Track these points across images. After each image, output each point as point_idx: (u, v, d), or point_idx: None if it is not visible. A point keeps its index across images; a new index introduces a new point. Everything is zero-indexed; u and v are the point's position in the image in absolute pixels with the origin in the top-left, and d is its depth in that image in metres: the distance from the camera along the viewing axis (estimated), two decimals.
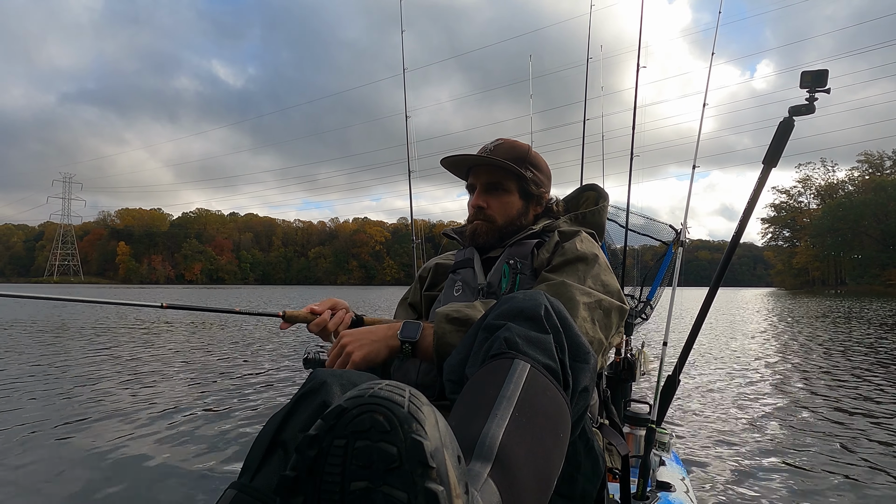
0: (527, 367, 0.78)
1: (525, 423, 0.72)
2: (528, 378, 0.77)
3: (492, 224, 1.33)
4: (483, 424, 0.70)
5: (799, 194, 73.32)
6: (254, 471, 0.74)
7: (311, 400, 0.78)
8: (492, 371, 0.79)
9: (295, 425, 0.76)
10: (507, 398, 0.73)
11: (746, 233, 1.56)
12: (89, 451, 2.74)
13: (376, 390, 0.56)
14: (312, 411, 0.76)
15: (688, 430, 3.26)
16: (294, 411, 0.78)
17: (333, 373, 0.83)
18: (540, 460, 0.72)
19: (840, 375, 5.21)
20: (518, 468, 0.68)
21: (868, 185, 62.73)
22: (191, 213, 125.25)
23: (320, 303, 1.27)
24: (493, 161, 1.31)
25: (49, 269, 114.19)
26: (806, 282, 71.98)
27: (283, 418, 0.77)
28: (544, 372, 0.79)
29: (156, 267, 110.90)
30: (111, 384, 4.52)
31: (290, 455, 0.72)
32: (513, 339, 0.81)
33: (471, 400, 0.77)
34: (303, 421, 0.76)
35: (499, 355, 0.81)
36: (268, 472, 0.74)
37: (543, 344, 0.82)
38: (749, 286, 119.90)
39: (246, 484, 0.74)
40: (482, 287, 1.25)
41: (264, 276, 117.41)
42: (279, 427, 0.76)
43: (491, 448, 0.67)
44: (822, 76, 1.34)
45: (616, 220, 2.01)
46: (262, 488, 0.73)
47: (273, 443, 0.76)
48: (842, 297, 37.41)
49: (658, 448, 1.72)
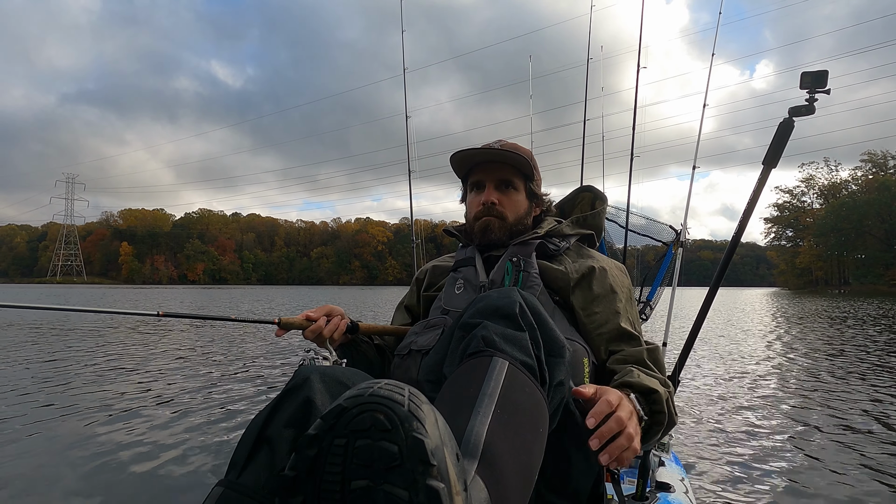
0: (505, 364, 0.79)
1: (507, 419, 0.73)
2: (507, 375, 0.78)
3: (503, 221, 1.32)
4: (467, 422, 0.71)
5: (802, 194, 73.19)
6: (241, 467, 0.74)
7: (294, 396, 0.78)
8: (471, 369, 0.80)
9: (279, 421, 0.76)
10: (488, 395, 0.74)
11: (749, 233, 1.56)
12: (75, 450, 2.73)
13: (376, 389, 0.55)
14: (296, 407, 0.77)
15: (687, 431, 3.25)
16: (278, 407, 0.78)
17: (317, 369, 0.83)
18: (522, 455, 0.73)
19: (841, 375, 5.19)
20: (503, 464, 0.68)
21: (871, 184, 62.53)
22: (193, 214, 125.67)
23: (316, 309, 1.26)
24: (511, 157, 1.30)
25: (52, 270, 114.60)
26: (809, 281, 71.78)
27: (267, 415, 0.77)
28: (522, 369, 0.80)
29: (158, 267, 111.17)
30: (100, 383, 4.53)
31: (276, 451, 0.73)
32: (490, 338, 0.82)
33: (452, 398, 0.78)
34: (287, 416, 0.76)
35: (477, 353, 0.82)
36: (255, 468, 0.74)
37: (520, 341, 0.83)
38: (752, 286, 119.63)
39: (233, 481, 0.74)
40: (484, 285, 1.24)
41: (267, 277, 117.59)
42: (264, 423, 0.77)
43: (476, 445, 0.68)
44: (821, 77, 1.33)
45: (616, 220, 2.00)
46: (249, 484, 0.73)
47: (259, 439, 0.76)
48: (844, 297, 37.29)
49: (657, 448, 1.72)
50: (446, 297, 1.29)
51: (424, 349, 1.16)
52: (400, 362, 1.22)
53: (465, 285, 1.27)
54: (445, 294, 1.30)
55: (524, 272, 1.21)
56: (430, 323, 1.24)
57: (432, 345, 1.16)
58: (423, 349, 1.17)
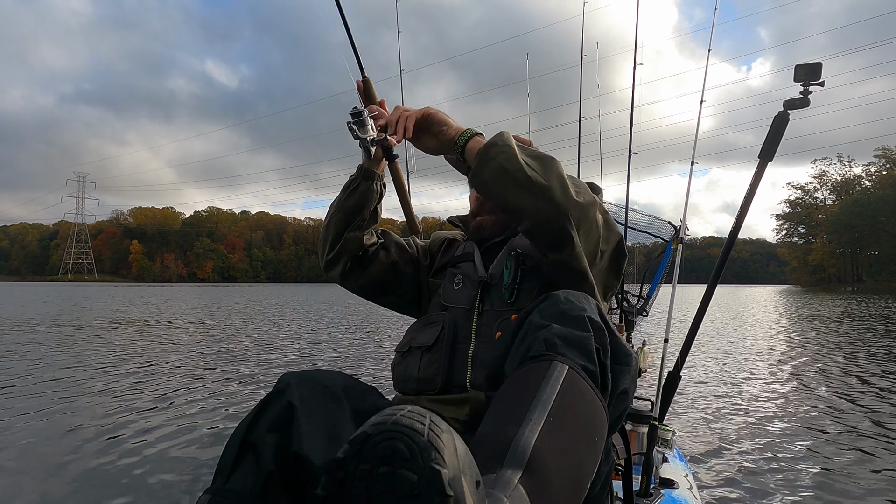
0: (565, 368, 0.77)
1: (559, 427, 0.72)
2: (565, 380, 0.76)
3: (497, 216, 1.29)
4: (517, 430, 0.70)
5: (815, 190, 72.43)
6: (227, 474, 0.76)
7: (277, 401, 0.80)
8: (530, 373, 0.79)
9: (262, 426, 0.78)
10: (542, 402, 0.73)
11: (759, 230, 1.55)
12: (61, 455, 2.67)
13: (398, 417, 0.57)
14: (278, 412, 0.78)
15: (692, 427, 3.25)
16: (261, 413, 0.79)
17: (297, 374, 0.85)
18: (573, 464, 0.72)
19: (846, 371, 5.15)
20: (549, 474, 0.68)
21: (886, 180, 61.72)
22: (202, 212, 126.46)
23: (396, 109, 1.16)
24: None
25: (64, 268, 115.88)
26: (822, 279, 71.03)
27: (251, 421, 0.79)
28: (583, 374, 0.78)
29: (168, 265, 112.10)
30: (91, 384, 4.57)
31: (261, 455, 0.75)
32: (552, 340, 0.81)
33: (506, 403, 0.77)
34: (270, 421, 0.78)
35: (538, 357, 0.80)
36: (241, 474, 0.75)
37: (583, 345, 0.81)
38: (762, 283, 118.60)
39: (220, 487, 0.75)
40: (483, 279, 1.21)
41: (276, 274, 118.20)
42: (248, 429, 0.78)
43: (523, 454, 0.68)
44: (815, 69, 1.32)
45: (616, 217, 2.00)
46: (236, 489, 0.74)
47: (243, 445, 0.77)
48: (857, 294, 36.82)
49: (661, 445, 1.72)
50: (445, 293, 1.27)
51: (424, 346, 1.16)
52: (400, 360, 1.21)
53: (464, 280, 1.25)
54: (444, 290, 1.28)
55: (523, 266, 1.18)
56: (431, 320, 1.22)
57: (431, 342, 1.15)
58: (423, 346, 1.16)
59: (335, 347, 6.99)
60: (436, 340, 1.15)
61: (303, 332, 9.10)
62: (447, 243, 1.42)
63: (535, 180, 0.98)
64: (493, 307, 1.16)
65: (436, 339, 1.15)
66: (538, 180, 0.98)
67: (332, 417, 0.81)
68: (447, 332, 1.15)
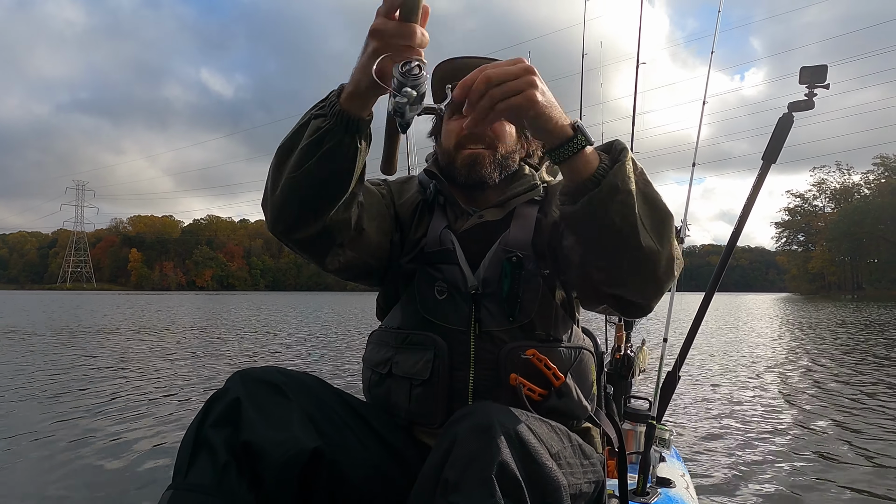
0: None
1: None
2: None
3: (494, 152, 1.01)
4: None
5: (814, 198, 72.57)
6: (185, 471, 0.77)
7: (223, 397, 0.82)
8: None
9: (211, 422, 0.80)
10: None
11: (757, 238, 1.57)
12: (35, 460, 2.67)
13: None
14: (224, 407, 0.80)
15: (689, 427, 3.25)
16: (209, 410, 0.81)
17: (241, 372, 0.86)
18: None
19: (843, 373, 5.16)
20: None
21: (885, 188, 61.85)
22: (202, 220, 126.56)
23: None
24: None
25: (62, 276, 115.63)
26: (821, 287, 70.97)
27: (201, 419, 0.81)
28: None
29: (167, 273, 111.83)
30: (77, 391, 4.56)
31: (215, 450, 0.77)
32: None
33: None
34: (217, 417, 0.80)
35: None
36: (198, 468, 0.76)
37: None
38: (761, 291, 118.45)
39: (181, 481, 0.77)
40: (475, 289, 0.99)
41: (275, 283, 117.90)
42: (199, 427, 0.80)
43: None
44: (820, 71, 1.30)
45: None
46: (195, 482, 0.76)
47: (196, 442, 0.79)
48: (857, 302, 36.78)
49: (658, 444, 1.72)
50: (425, 301, 1.01)
51: (415, 379, 0.97)
52: (379, 381, 1.02)
53: (450, 291, 1.00)
54: (423, 296, 1.01)
55: (525, 270, 0.98)
56: (412, 340, 1.00)
57: (426, 377, 0.97)
58: (411, 377, 0.98)
59: (326, 356, 6.97)
60: (430, 374, 0.96)
61: (292, 339, 9.09)
62: (419, 209, 1.10)
63: (648, 249, 0.78)
64: (492, 326, 0.98)
65: (430, 373, 0.96)
66: (650, 247, 0.78)
67: (278, 406, 0.83)
68: (443, 362, 0.96)
